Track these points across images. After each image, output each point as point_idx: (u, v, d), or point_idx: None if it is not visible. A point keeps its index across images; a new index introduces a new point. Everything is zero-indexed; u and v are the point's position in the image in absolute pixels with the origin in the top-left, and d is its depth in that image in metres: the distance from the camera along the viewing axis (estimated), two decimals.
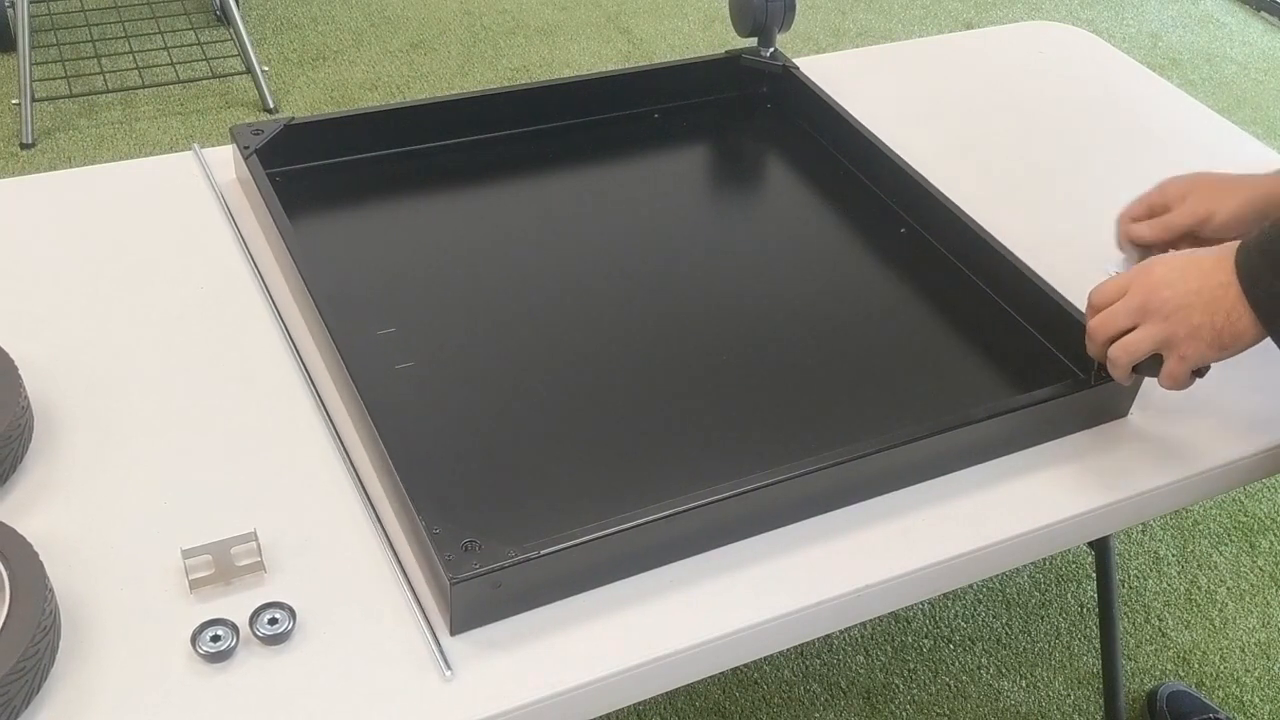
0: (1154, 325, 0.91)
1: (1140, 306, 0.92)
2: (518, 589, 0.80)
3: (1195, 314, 0.89)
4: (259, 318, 1.03)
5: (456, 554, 0.77)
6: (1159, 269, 0.92)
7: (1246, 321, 0.89)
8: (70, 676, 0.75)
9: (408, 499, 0.81)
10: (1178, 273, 0.91)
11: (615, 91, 1.33)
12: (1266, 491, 2.04)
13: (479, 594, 0.78)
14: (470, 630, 0.80)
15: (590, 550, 0.80)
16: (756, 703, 1.63)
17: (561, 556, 0.79)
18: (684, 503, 0.83)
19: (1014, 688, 1.69)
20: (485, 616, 0.80)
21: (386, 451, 0.84)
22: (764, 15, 1.32)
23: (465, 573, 0.76)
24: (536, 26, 3.14)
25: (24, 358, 0.94)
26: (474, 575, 0.76)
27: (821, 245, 1.18)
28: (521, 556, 0.78)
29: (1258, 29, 3.53)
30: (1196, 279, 0.90)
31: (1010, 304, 1.09)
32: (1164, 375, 0.93)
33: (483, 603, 0.79)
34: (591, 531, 0.80)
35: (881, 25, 3.31)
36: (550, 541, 0.79)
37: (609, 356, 1.03)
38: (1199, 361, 0.91)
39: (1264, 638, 1.79)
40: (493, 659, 0.79)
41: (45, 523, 0.84)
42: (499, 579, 0.78)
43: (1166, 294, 0.90)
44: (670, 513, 0.82)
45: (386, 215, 1.17)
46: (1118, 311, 0.93)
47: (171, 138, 2.62)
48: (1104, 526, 0.98)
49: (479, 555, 0.77)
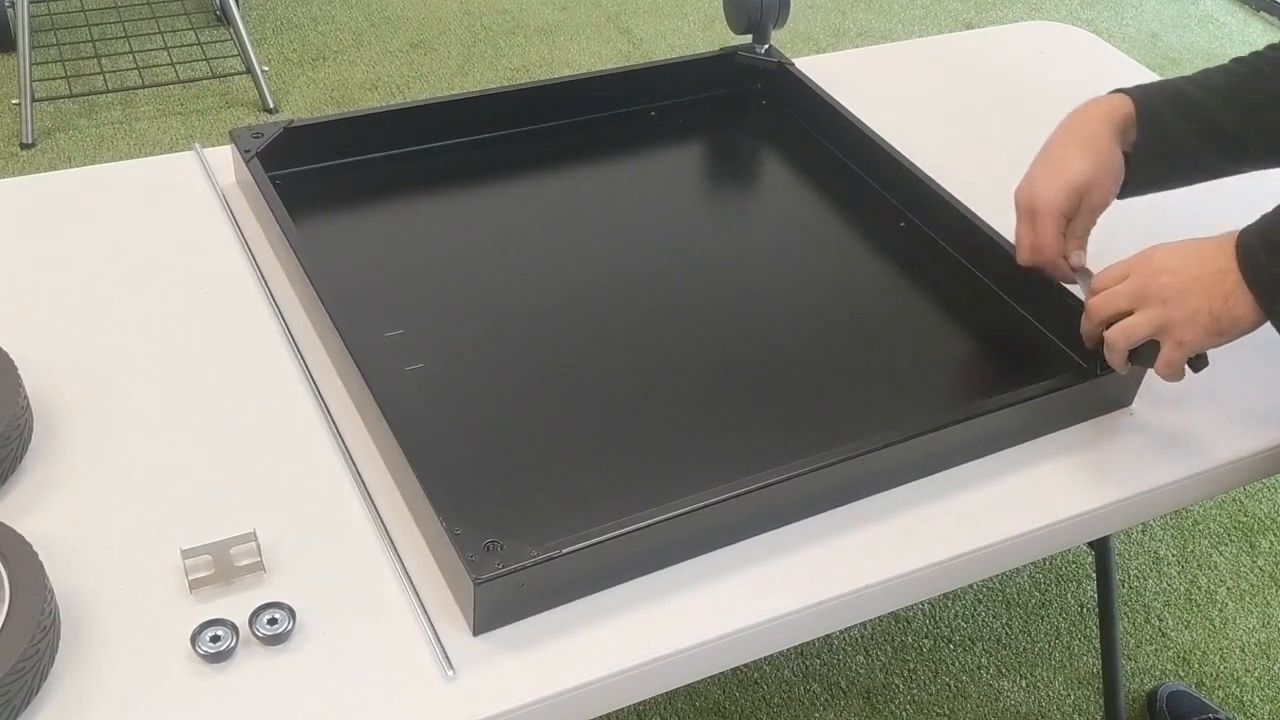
0: (1152, 309, 0.91)
1: (1140, 291, 0.92)
2: (539, 588, 0.80)
3: (1194, 298, 0.89)
4: (259, 318, 1.03)
5: (479, 554, 0.77)
6: (1159, 254, 0.93)
7: (1245, 306, 0.89)
8: (70, 676, 0.75)
9: (428, 501, 0.81)
10: (1178, 259, 0.91)
11: (612, 90, 1.33)
12: (1266, 491, 2.04)
13: (502, 594, 0.78)
14: (493, 630, 0.80)
15: (609, 549, 0.81)
16: (756, 703, 1.63)
17: (582, 555, 0.80)
18: (700, 500, 0.83)
19: (1014, 688, 1.69)
20: (508, 616, 0.81)
21: (404, 454, 0.84)
22: (759, 12, 1.32)
23: (489, 573, 0.77)
24: (536, 26, 3.14)
25: (24, 358, 0.94)
26: (497, 575, 0.77)
27: (820, 240, 1.19)
28: (544, 556, 0.78)
29: (1258, 29, 3.53)
30: (1196, 265, 0.90)
31: (1011, 296, 1.10)
32: (1160, 362, 0.93)
33: (506, 602, 0.80)
34: (611, 530, 0.81)
35: (881, 25, 3.31)
36: (571, 540, 0.80)
37: (611, 355, 1.03)
38: (1196, 348, 0.91)
39: (1264, 638, 1.79)
40: (491, 659, 0.79)
41: (45, 523, 0.84)
42: (522, 578, 0.78)
43: (1166, 279, 0.91)
44: (687, 510, 0.83)
45: (387, 216, 1.17)
46: (1117, 294, 0.94)
47: (171, 138, 2.62)
48: (1105, 526, 0.98)
49: (501, 555, 0.78)
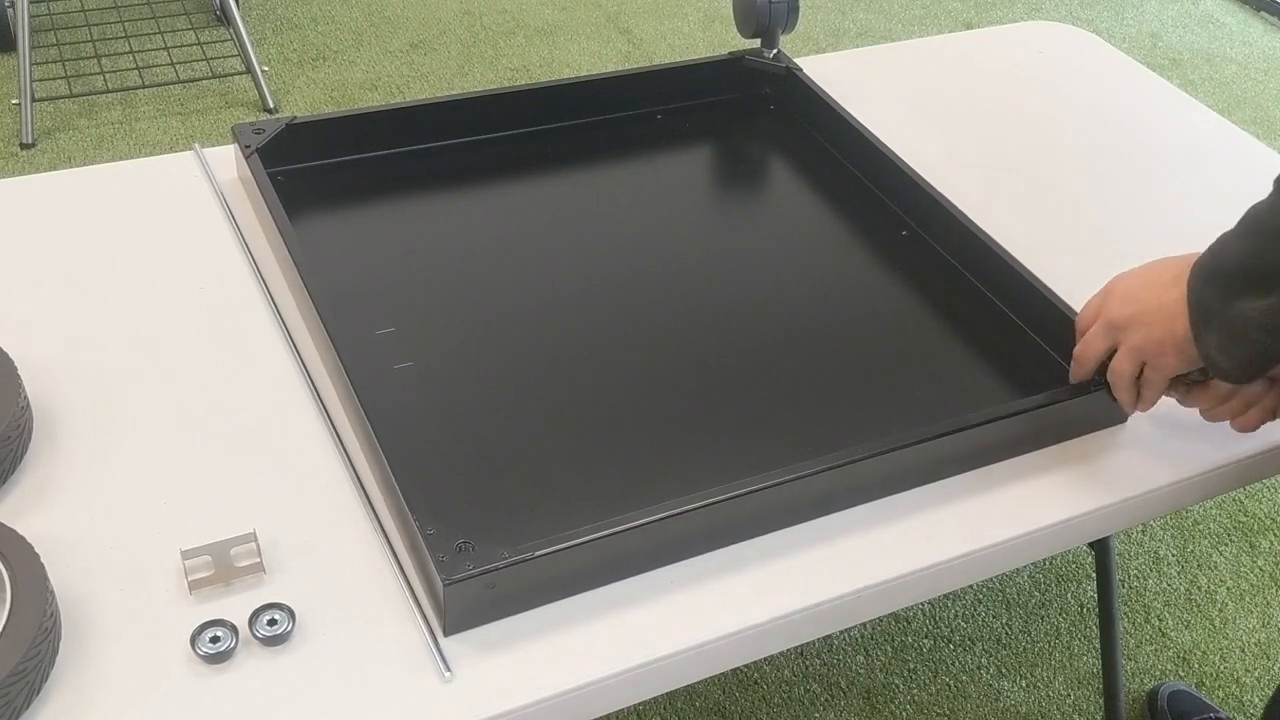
0: (1128, 343, 0.92)
1: (1110, 325, 0.93)
2: (512, 590, 0.80)
3: (1157, 329, 0.90)
4: (259, 318, 1.03)
5: (450, 555, 0.77)
6: (1120, 287, 0.94)
7: None
8: (70, 677, 0.75)
9: (402, 500, 0.80)
10: (1138, 288, 0.92)
11: (618, 92, 1.33)
12: (1266, 491, 2.04)
13: (473, 595, 0.78)
14: (464, 631, 0.80)
15: (584, 552, 0.80)
16: (756, 703, 1.63)
17: (556, 558, 0.79)
18: (677, 506, 0.82)
19: (1014, 688, 1.69)
20: (479, 618, 0.80)
21: (382, 452, 0.84)
22: (767, 17, 1.32)
23: (459, 574, 0.76)
24: (536, 26, 3.14)
25: (24, 358, 0.95)
26: (467, 576, 0.76)
27: (823, 247, 1.18)
28: (516, 558, 0.77)
29: (1258, 29, 3.53)
30: (1156, 294, 0.90)
31: (1011, 308, 1.09)
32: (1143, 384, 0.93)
33: (477, 604, 0.79)
34: (586, 534, 0.80)
35: (881, 25, 3.31)
36: (545, 543, 0.79)
37: (607, 358, 1.02)
38: (1178, 370, 0.91)
39: (1264, 638, 1.79)
40: (490, 659, 0.79)
41: (45, 523, 0.84)
42: (493, 580, 0.78)
43: (1129, 311, 0.91)
44: (663, 515, 0.82)
45: (388, 215, 1.17)
46: (1094, 336, 0.95)
47: (171, 138, 2.62)
48: (1104, 527, 0.98)
49: (473, 556, 0.77)
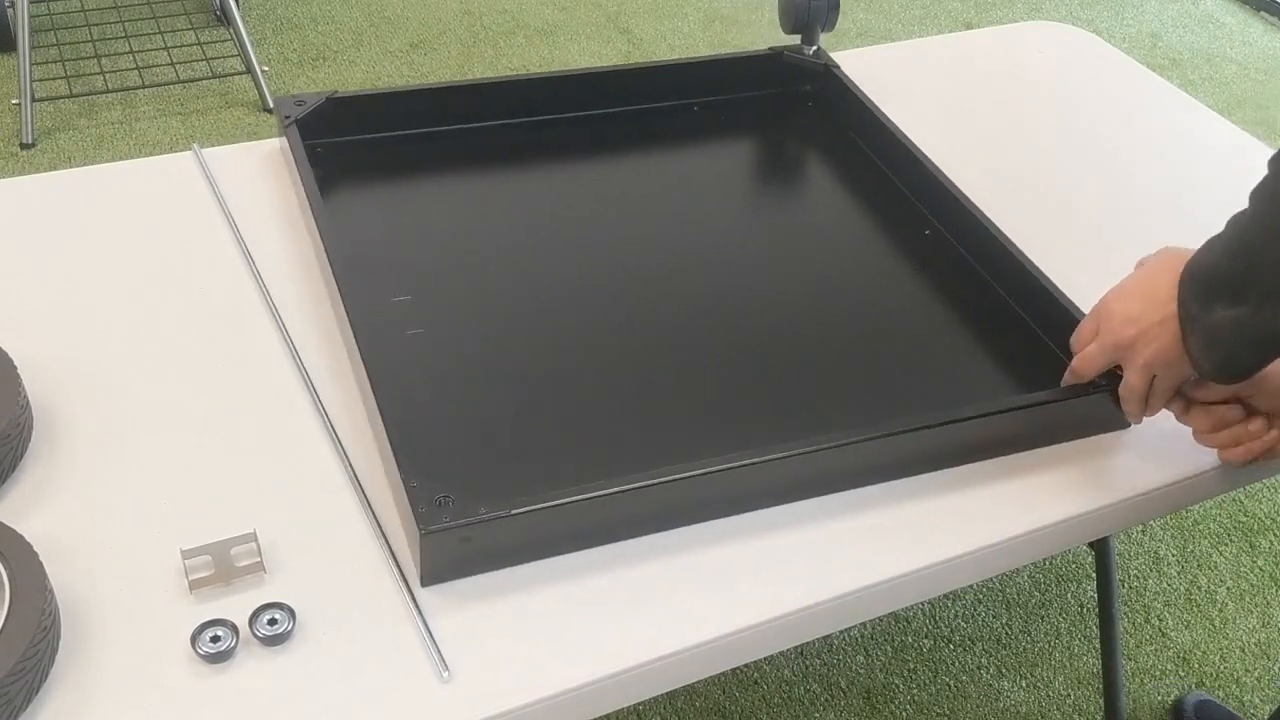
0: (1137, 361, 0.92)
1: (1113, 345, 0.93)
2: (488, 546, 0.82)
3: (1166, 339, 0.90)
4: (258, 318, 1.03)
5: (429, 508, 0.80)
6: (1116, 305, 0.94)
7: None
8: (70, 677, 0.75)
9: (391, 452, 0.83)
10: (1137, 305, 0.92)
11: (656, 82, 1.35)
12: (1266, 491, 2.04)
13: (450, 548, 0.80)
14: (439, 584, 0.82)
15: (561, 513, 0.82)
16: (756, 703, 1.63)
17: (532, 516, 0.81)
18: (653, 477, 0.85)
19: (1014, 688, 1.69)
20: (455, 571, 0.83)
21: (379, 408, 0.86)
22: (807, 14, 1.36)
23: (435, 525, 0.79)
24: (536, 27, 3.14)
25: (24, 358, 0.95)
26: (442, 529, 0.79)
27: (846, 243, 1.19)
28: (491, 515, 0.80)
29: (1258, 29, 3.53)
30: (1158, 310, 0.91)
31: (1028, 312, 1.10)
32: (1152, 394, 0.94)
33: (453, 557, 0.81)
34: (564, 496, 0.82)
35: (881, 25, 3.31)
36: (523, 502, 0.81)
37: (620, 338, 1.04)
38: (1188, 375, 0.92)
39: (1264, 638, 1.79)
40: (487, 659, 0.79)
41: (45, 523, 0.84)
42: (468, 534, 0.80)
43: (1132, 331, 0.92)
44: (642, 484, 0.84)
45: (416, 191, 1.19)
46: (1093, 355, 0.95)
47: (171, 138, 2.62)
48: (1104, 527, 0.98)
49: (450, 510, 0.80)
